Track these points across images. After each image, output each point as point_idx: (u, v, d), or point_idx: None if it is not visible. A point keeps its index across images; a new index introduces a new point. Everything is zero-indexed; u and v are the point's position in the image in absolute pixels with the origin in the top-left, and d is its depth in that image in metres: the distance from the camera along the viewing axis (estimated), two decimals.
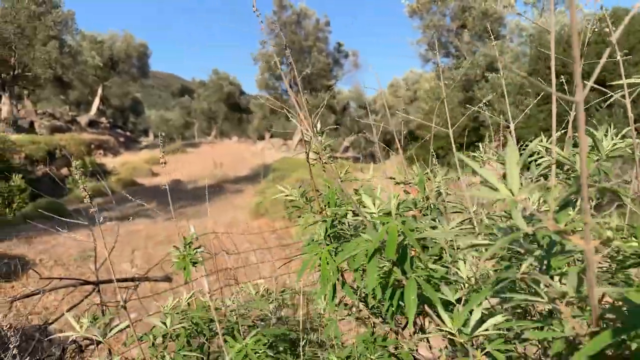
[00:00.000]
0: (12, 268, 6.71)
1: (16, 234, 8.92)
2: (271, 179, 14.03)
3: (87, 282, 2.99)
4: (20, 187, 11.65)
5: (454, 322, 0.82)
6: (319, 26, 26.27)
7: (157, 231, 9.00)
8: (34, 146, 17.16)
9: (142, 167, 19.16)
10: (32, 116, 27.52)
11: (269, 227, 9.18)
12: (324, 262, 1.07)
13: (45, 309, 5.79)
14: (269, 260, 5.95)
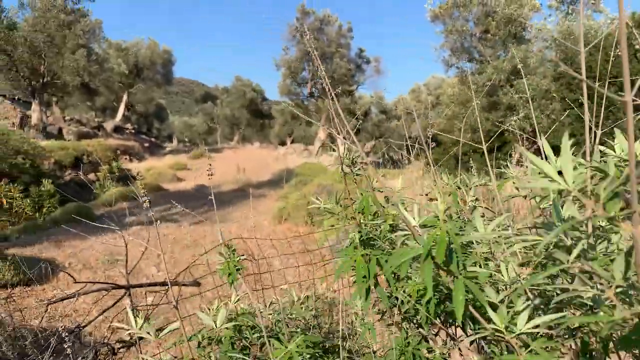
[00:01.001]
0: (42, 271, 6.88)
1: (46, 238, 9.14)
2: (293, 184, 14.10)
3: (119, 286, 3.07)
4: (50, 192, 11.95)
5: (501, 320, 0.85)
6: (342, 32, 26.36)
7: (182, 235, 9.13)
8: (62, 152, 17.61)
9: (167, 172, 19.48)
10: (61, 122, 28.24)
11: (292, 232, 9.23)
12: (358, 266, 1.11)
13: (75, 312, 5.91)
14: (294, 266, 6.00)
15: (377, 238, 1.22)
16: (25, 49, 23.35)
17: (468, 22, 16.36)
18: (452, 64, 17.28)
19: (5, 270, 6.25)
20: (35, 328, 3.94)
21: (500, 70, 15.28)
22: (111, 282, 3.25)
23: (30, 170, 13.11)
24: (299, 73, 27.29)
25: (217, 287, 4.70)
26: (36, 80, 24.56)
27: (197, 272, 6.82)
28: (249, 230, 9.74)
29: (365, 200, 1.23)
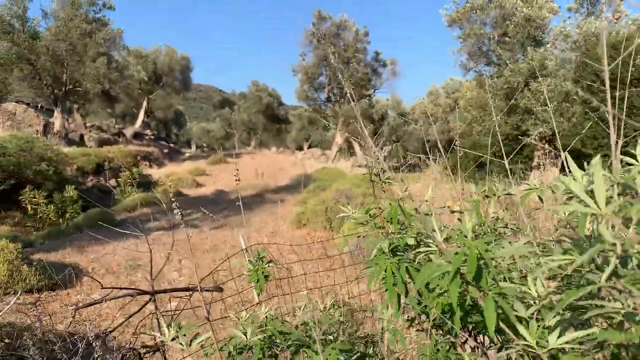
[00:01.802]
0: (67, 276, 7.01)
1: (69, 243, 9.30)
2: (311, 189, 14.13)
3: (145, 292, 3.12)
4: (73, 198, 12.18)
5: (532, 336, 0.86)
6: (358, 37, 26.38)
7: (203, 240, 9.22)
8: (84, 158, 17.95)
9: (187, 177, 19.68)
10: (82, 129, 28.76)
11: (311, 237, 9.26)
12: (389, 275, 1.13)
13: (99, 316, 6.00)
14: (315, 271, 6.01)
15: (405, 248, 1.24)
16: (48, 58, 23.88)
17: (485, 25, 16.24)
18: (470, 67, 17.17)
19: (32, 276, 6.39)
20: (63, 332, 4.02)
21: (518, 73, 15.13)
22: (137, 288, 3.31)
23: (54, 176, 13.38)
24: (316, 78, 27.36)
25: (239, 292, 4.75)
26: (58, 88, 25.08)
27: (218, 277, 6.89)
28: (268, 235, 9.81)
29: (394, 210, 1.25)
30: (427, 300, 1.14)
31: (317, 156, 33.06)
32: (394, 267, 1.14)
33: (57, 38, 23.77)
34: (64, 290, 6.79)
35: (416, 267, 1.14)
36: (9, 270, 6.13)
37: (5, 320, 4.27)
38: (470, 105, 17.69)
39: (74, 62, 24.17)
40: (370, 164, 1.38)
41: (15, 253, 6.40)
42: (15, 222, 11.46)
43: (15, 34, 23.16)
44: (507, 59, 15.44)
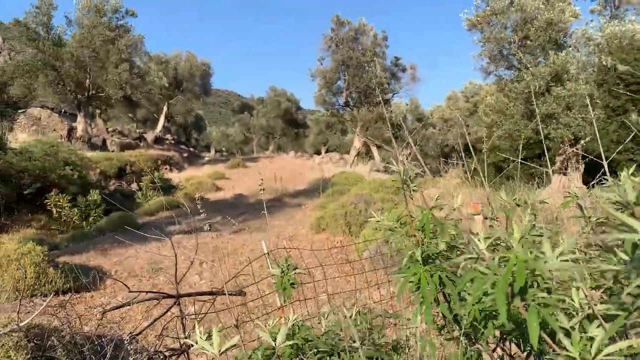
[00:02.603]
0: (90, 278, 7.12)
1: (93, 246, 9.46)
2: (330, 193, 14.14)
3: (170, 295, 3.17)
4: (96, 202, 12.39)
5: (576, 347, 0.86)
6: (377, 41, 26.36)
7: (222, 244, 9.29)
8: (107, 162, 18.28)
9: (206, 181, 19.86)
10: (104, 134, 29.25)
11: (330, 242, 9.27)
12: (423, 281, 1.14)
13: (122, 319, 6.09)
14: (335, 276, 6.02)
15: (435, 256, 1.25)
16: (72, 64, 24.40)
17: (506, 29, 16.08)
18: (491, 71, 17.01)
19: (57, 278, 6.51)
20: (91, 334, 4.10)
21: (539, 77, 14.95)
22: (162, 292, 3.36)
23: (78, 180, 13.63)
24: (334, 83, 27.39)
25: (260, 297, 4.77)
26: (82, 94, 25.58)
27: (239, 281, 6.93)
28: (287, 239, 9.84)
29: (426, 218, 1.26)
30: (459, 308, 1.15)
31: (335, 160, 33.06)
32: (426, 275, 1.15)
33: (80, 45, 24.27)
34: (88, 292, 6.90)
35: (448, 276, 1.15)
36: (35, 273, 6.26)
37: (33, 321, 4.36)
38: (489, 110, 17.52)
39: (97, 68, 24.64)
40: (399, 171, 1.39)
41: (41, 256, 6.53)
42: (40, 225, 11.71)
43: (41, 41, 23.74)
44: (528, 62, 15.27)
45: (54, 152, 13.76)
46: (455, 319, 1.30)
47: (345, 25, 26.23)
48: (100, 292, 7.02)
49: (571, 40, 15.44)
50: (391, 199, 10.21)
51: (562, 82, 14.73)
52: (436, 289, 1.14)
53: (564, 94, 14.18)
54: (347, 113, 28.86)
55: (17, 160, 12.67)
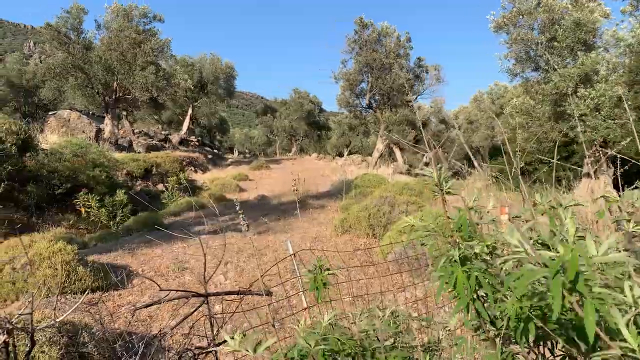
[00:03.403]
0: (118, 277, 7.25)
1: (120, 246, 9.63)
2: (353, 195, 14.13)
3: (199, 294, 3.21)
4: (123, 202, 12.63)
5: (634, 339, 0.86)
6: (400, 43, 26.25)
7: (247, 245, 9.37)
8: (134, 163, 18.62)
9: (230, 182, 20.04)
10: (130, 135, 29.81)
11: (354, 244, 9.26)
12: (459, 282, 1.14)
13: (150, 317, 6.18)
14: (360, 278, 6.02)
15: (472, 257, 1.25)
16: (100, 67, 24.95)
17: (533, 30, 15.85)
18: (517, 73, 16.79)
19: (86, 276, 6.65)
20: (123, 332, 4.19)
21: (568, 78, 14.69)
22: (191, 290, 3.41)
23: (106, 181, 13.93)
24: (357, 85, 27.38)
25: (287, 297, 4.79)
26: (109, 96, 26.13)
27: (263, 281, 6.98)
28: (310, 241, 9.86)
29: (463, 219, 1.26)
30: (495, 308, 1.14)
31: (358, 162, 33.02)
32: (463, 275, 1.15)
33: (109, 48, 24.81)
34: (116, 291, 7.02)
35: (485, 276, 1.14)
36: (66, 271, 6.41)
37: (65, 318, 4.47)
38: (516, 112, 17.28)
39: (124, 71, 25.14)
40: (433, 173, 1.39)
41: (72, 254, 6.69)
42: (70, 225, 11.99)
43: (71, 45, 24.35)
44: (555, 64, 15.01)
45: (83, 153, 14.09)
46: (491, 320, 1.29)
47: (368, 27, 26.21)
48: (128, 291, 7.13)
49: (601, 41, 15.14)
50: (415, 201, 10.14)
51: (591, 84, 14.45)
52: (473, 289, 1.14)
53: (593, 95, 13.90)
54: (370, 115, 28.82)
55: (48, 161, 13.01)
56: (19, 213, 11.51)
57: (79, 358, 3.42)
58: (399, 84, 25.69)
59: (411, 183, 13.79)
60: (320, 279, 1.59)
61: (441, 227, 1.33)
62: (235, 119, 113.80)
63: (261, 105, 60.65)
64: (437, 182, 1.36)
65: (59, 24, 24.26)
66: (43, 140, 16.44)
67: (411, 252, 6.38)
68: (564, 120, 15.74)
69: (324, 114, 54.45)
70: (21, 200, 11.73)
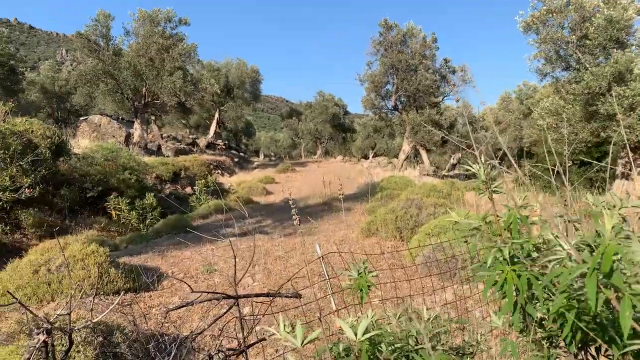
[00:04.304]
0: (149, 279, 7.35)
1: (150, 248, 9.78)
2: (379, 198, 14.05)
3: (229, 296, 3.22)
4: (153, 205, 12.84)
5: None
6: (426, 44, 26.03)
7: (274, 247, 9.40)
8: (163, 167, 18.94)
9: (257, 185, 20.18)
10: (159, 139, 30.30)
11: (381, 246, 9.19)
12: (509, 283, 1.10)
13: (179, 318, 6.24)
14: (388, 282, 5.96)
15: (521, 256, 1.21)
16: (129, 73, 25.48)
17: (563, 29, 15.49)
18: (547, 72, 16.43)
19: (118, 278, 6.77)
20: (156, 333, 4.23)
21: (600, 77, 14.30)
22: (222, 292, 3.42)
23: (136, 184, 14.19)
24: (383, 86, 27.26)
25: (317, 299, 4.78)
26: (138, 101, 26.65)
27: (290, 283, 6.98)
28: (337, 243, 9.83)
29: (513, 218, 1.22)
30: (542, 308, 1.10)
31: (384, 164, 32.86)
32: (513, 275, 1.11)
33: (137, 54, 25.31)
34: (147, 292, 7.12)
35: (536, 276, 1.10)
36: (98, 272, 6.53)
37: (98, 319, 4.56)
38: (545, 112, 16.91)
39: (153, 76, 25.61)
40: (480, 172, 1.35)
41: (104, 256, 6.81)
42: (101, 227, 12.24)
43: (101, 52, 24.94)
44: (587, 62, 14.64)
45: (114, 157, 14.39)
46: (537, 322, 1.25)
47: (393, 28, 26.09)
48: (158, 292, 7.22)
49: (634, 39, 14.70)
50: (443, 203, 10.02)
51: (625, 82, 14.03)
52: (524, 289, 1.10)
53: (628, 94, 13.50)
54: (395, 117, 28.65)
55: (80, 165, 13.33)
56: (53, 216, 11.80)
57: (113, 357, 3.47)
58: (424, 85, 25.48)
59: (439, 185, 13.63)
60: (364, 280, 1.57)
61: (490, 226, 1.30)
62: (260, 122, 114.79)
63: (286, 108, 60.98)
64: (483, 180, 1.33)
65: (89, 32, 24.89)
66: (75, 145, 16.86)
67: (440, 255, 6.30)
68: (595, 121, 15.32)
69: (348, 116, 54.40)
70: (55, 203, 12.03)
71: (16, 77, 27.91)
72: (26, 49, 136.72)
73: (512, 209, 1.22)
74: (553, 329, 1.16)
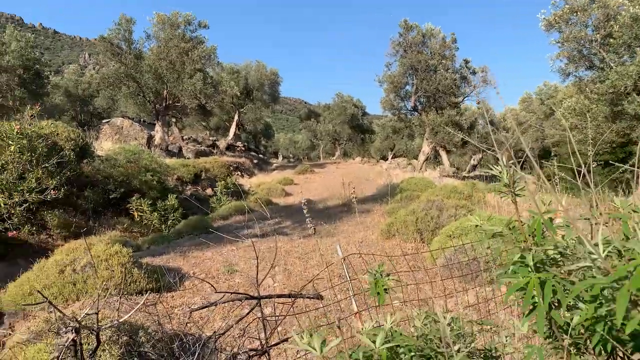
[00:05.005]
0: (170, 279, 7.44)
1: (172, 248, 9.89)
2: (399, 199, 13.98)
3: (252, 297, 3.25)
4: (174, 206, 13.00)
5: None
6: (446, 44, 25.85)
7: (294, 248, 9.43)
8: (184, 169, 19.19)
9: (276, 187, 20.27)
10: (180, 142, 30.66)
11: (401, 248, 9.15)
12: (536, 287, 1.10)
13: (201, 318, 6.31)
14: (409, 284, 5.94)
15: (546, 262, 1.20)
16: (150, 76, 25.85)
17: (587, 27, 15.24)
18: (570, 72, 16.19)
19: (141, 278, 6.87)
20: (180, 332, 4.29)
21: (626, 76, 14.02)
22: (245, 293, 3.46)
23: (158, 186, 14.40)
24: (402, 87, 27.15)
25: (337, 301, 4.79)
26: (159, 104, 27.00)
27: (311, 284, 7.01)
28: (356, 245, 9.82)
29: (537, 223, 1.22)
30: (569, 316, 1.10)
31: (403, 166, 32.69)
32: (537, 281, 1.11)
33: (158, 57, 25.66)
34: (169, 292, 7.21)
35: (559, 282, 1.10)
36: (122, 273, 6.64)
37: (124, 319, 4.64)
38: (568, 113, 16.65)
39: (173, 79, 25.93)
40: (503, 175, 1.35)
41: (127, 257, 6.92)
42: (123, 228, 12.44)
43: (123, 55, 25.36)
44: (611, 61, 14.38)
45: (136, 159, 14.62)
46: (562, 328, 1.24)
47: (413, 29, 25.98)
48: (180, 293, 7.31)
49: None
50: (465, 205, 9.93)
51: None
52: (549, 296, 1.10)
53: None
54: (415, 117, 28.50)
55: (104, 166, 13.58)
56: (77, 217, 12.03)
57: (138, 357, 3.53)
58: (444, 85, 25.30)
59: (459, 186, 13.51)
60: (381, 283, 1.58)
61: (514, 231, 1.29)
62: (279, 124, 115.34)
63: (305, 110, 61.06)
64: (506, 183, 1.33)
65: (111, 35, 25.34)
66: (98, 147, 17.16)
67: (462, 257, 6.25)
68: (621, 120, 15.04)
69: (367, 117, 54.26)
70: (79, 204, 12.27)
71: (41, 81, 28.52)
72: (50, 53, 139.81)
73: (537, 214, 1.22)
74: (580, 337, 1.15)
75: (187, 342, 3.43)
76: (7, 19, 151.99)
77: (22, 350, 3.50)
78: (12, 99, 25.99)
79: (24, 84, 26.57)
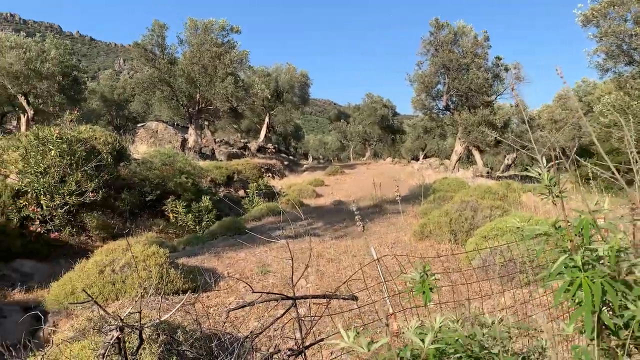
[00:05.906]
0: (205, 280, 7.56)
1: (207, 249, 10.04)
2: (432, 200, 13.83)
3: (287, 297, 3.29)
4: (208, 208, 13.21)
5: None
6: (478, 42, 25.45)
7: (325, 249, 9.44)
8: (217, 171, 19.51)
9: (307, 188, 20.37)
10: (212, 144, 31.15)
11: (434, 249, 9.06)
12: (585, 289, 1.08)
13: (236, 318, 6.38)
14: (443, 285, 5.88)
15: (595, 262, 1.18)
16: (183, 80, 26.37)
17: (626, 21, 14.75)
18: (608, 68, 15.70)
19: (177, 278, 7.00)
20: (219, 332, 4.36)
21: None
22: (281, 294, 3.50)
23: (192, 188, 14.66)
24: (434, 86, 26.86)
25: (373, 302, 4.79)
26: (192, 107, 27.51)
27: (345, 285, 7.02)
28: (389, 246, 9.76)
29: (585, 224, 1.20)
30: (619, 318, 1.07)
31: (435, 166, 32.34)
32: (588, 281, 1.09)
33: (191, 62, 26.15)
34: (205, 293, 7.32)
35: (610, 283, 1.08)
36: (159, 273, 6.79)
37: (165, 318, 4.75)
38: (607, 110, 16.15)
39: (206, 83, 26.38)
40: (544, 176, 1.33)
41: (164, 257, 7.07)
42: (159, 229, 12.72)
43: (156, 60, 25.95)
44: None
45: (171, 162, 14.93)
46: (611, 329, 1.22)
47: (444, 28, 25.68)
48: (215, 293, 7.41)
49: None
50: (500, 205, 9.75)
51: None
52: (599, 296, 1.08)
53: None
54: (447, 117, 28.15)
55: (140, 169, 13.92)
56: (115, 219, 12.37)
57: (177, 355, 3.61)
58: (477, 84, 24.90)
59: (494, 187, 13.28)
60: (427, 283, 1.58)
61: (559, 231, 1.27)
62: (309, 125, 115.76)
63: (334, 111, 61.13)
64: (547, 185, 1.31)
65: (145, 41, 25.97)
66: (134, 151, 17.61)
67: (497, 259, 6.14)
68: None
69: (397, 118, 53.93)
70: (117, 206, 12.61)
71: (79, 87, 29.45)
72: (87, 60, 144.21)
73: (584, 213, 1.19)
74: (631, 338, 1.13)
75: (225, 341, 3.48)
76: (47, 27, 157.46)
77: (67, 348, 3.63)
78: (52, 105, 26.91)
79: (63, 90, 27.47)
